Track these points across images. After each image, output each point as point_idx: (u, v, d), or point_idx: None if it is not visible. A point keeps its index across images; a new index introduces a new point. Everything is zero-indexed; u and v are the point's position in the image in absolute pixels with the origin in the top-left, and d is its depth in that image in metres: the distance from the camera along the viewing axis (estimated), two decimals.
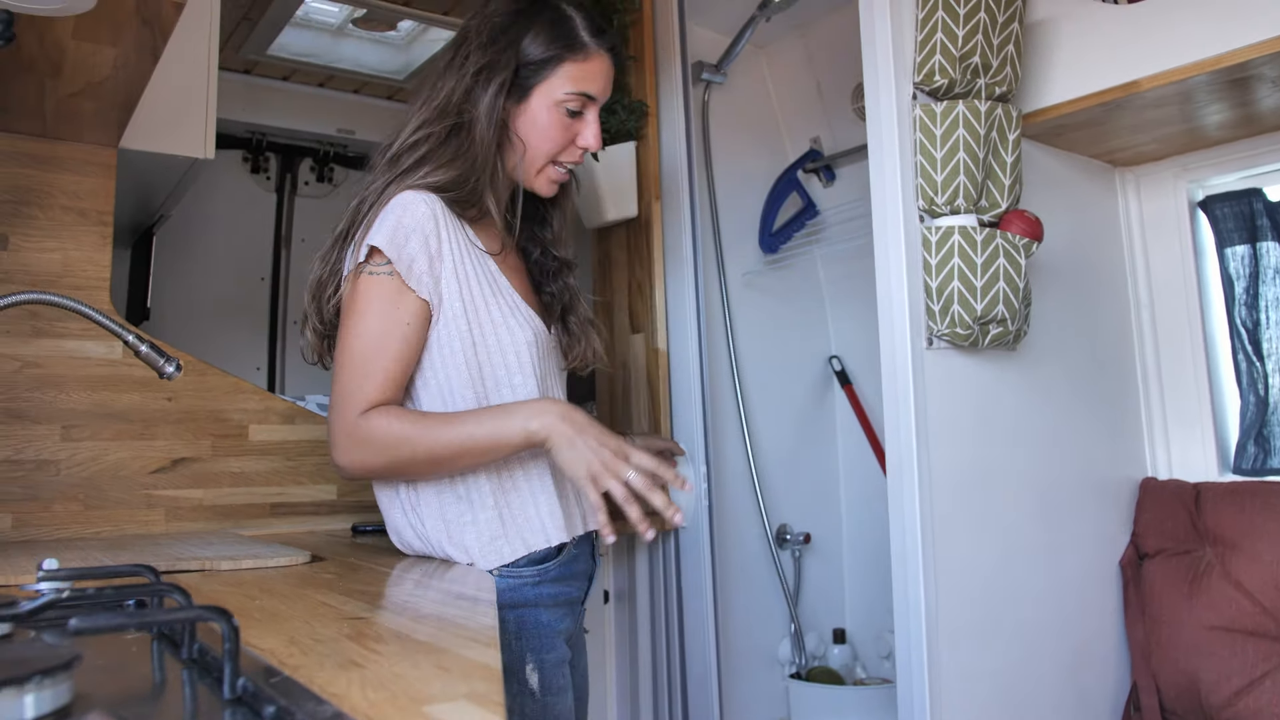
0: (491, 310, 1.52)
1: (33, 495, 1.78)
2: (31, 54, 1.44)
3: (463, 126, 1.55)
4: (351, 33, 3.32)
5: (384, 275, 1.44)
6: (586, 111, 1.62)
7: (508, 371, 1.52)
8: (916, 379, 1.99)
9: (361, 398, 1.41)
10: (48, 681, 0.51)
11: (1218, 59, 1.91)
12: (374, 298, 1.44)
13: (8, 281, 1.81)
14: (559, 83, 1.58)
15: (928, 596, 1.94)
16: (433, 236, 1.46)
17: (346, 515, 2.15)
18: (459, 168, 1.53)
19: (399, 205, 1.46)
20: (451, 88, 1.57)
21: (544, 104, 1.58)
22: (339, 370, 1.45)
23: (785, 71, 3.23)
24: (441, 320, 1.48)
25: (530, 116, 1.59)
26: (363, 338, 1.43)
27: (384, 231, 1.44)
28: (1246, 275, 2.44)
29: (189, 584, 1.16)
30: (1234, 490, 2.30)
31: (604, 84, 1.63)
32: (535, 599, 1.50)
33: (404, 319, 1.45)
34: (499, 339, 1.52)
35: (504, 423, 1.40)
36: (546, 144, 1.60)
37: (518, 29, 1.58)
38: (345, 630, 0.87)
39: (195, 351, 2.07)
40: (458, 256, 1.49)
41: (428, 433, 1.39)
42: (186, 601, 0.75)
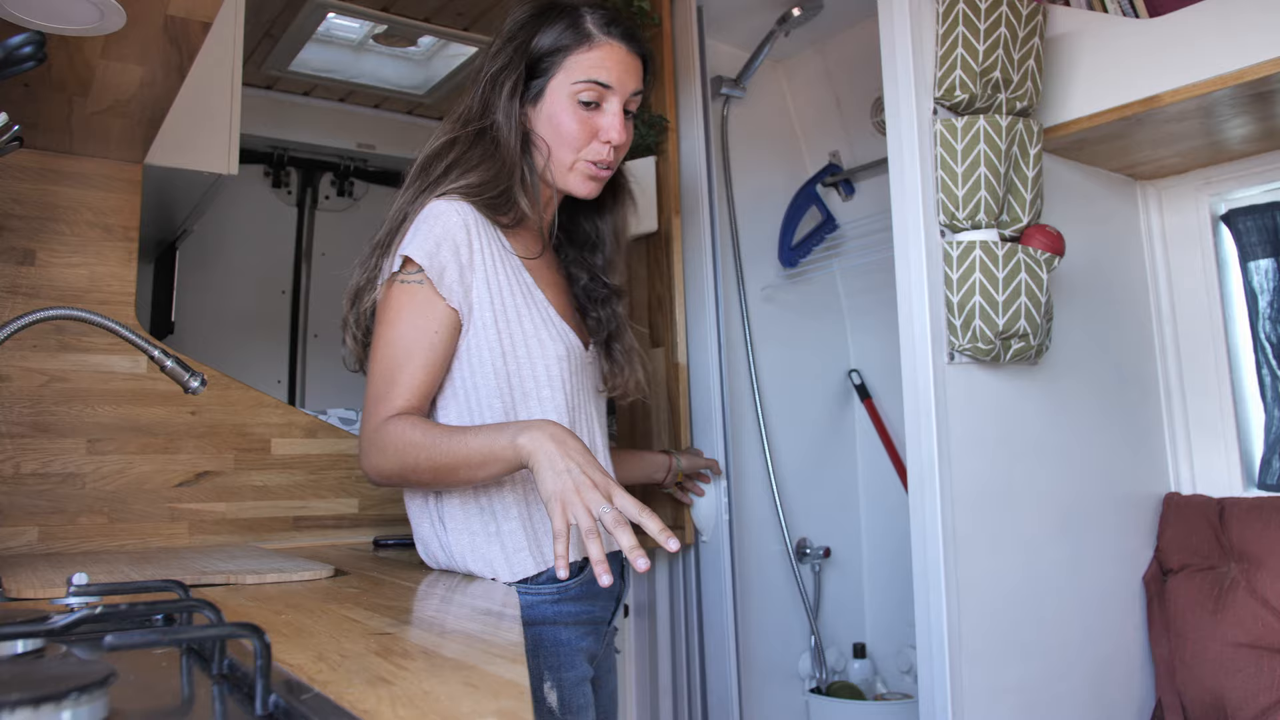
0: (524, 321, 1.52)
1: (59, 508, 1.80)
2: (61, 73, 1.45)
3: (486, 132, 1.57)
4: (372, 48, 3.34)
5: (414, 284, 1.46)
6: (604, 103, 1.59)
7: (536, 384, 1.52)
8: (938, 394, 1.99)
9: (386, 405, 1.43)
10: (84, 698, 0.51)
11: (1239, 73, 1.91)
12: (404, 306, 1.46)
13: (35, 297, 1.83)
14: (568, 74, 1.57)
15: (949, 612, 1.93)
16: (464, 245, 1.47)
17: (369, 529, 2.15)
18: (487, 170, 1.54)
19: (430, 214, 1.48)
20: (472, 97, 1.61)
21: (558, 99, 1.58)
22: (369, 377, 1.48)
23: (804, 86, 3.23)
24: (472, 330, 1.49)
25: (547, 115, 1.59)
26: (392, 345, 1.45)
27: (416, 241, 1.45)
28: (1270, 289, 2.42)
29: (214, 598, 1.16)
30: (1258, 506, 2.28)
31: (619, 73, 1.59)
32: (554, 616, 1.49)
33: (433, 328, 1.46)
34: (529, 350, 1.52)
35: (497, 437, 1.36)
36: (566, 140, 1.59)
37: (528, 31, 1.59)
38: (372, 646, 0.88)
39: (217, 364, 2.08)
40: (490, 265, 1.50)
41: (433, 443, 1.38)
42: (217, 617, 0.76)
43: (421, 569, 1.60)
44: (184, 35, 1.37)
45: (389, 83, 3.52)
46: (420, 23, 3.05)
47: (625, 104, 1.61)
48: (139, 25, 1.30)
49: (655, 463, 2.26)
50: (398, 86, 3.54)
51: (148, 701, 0.67)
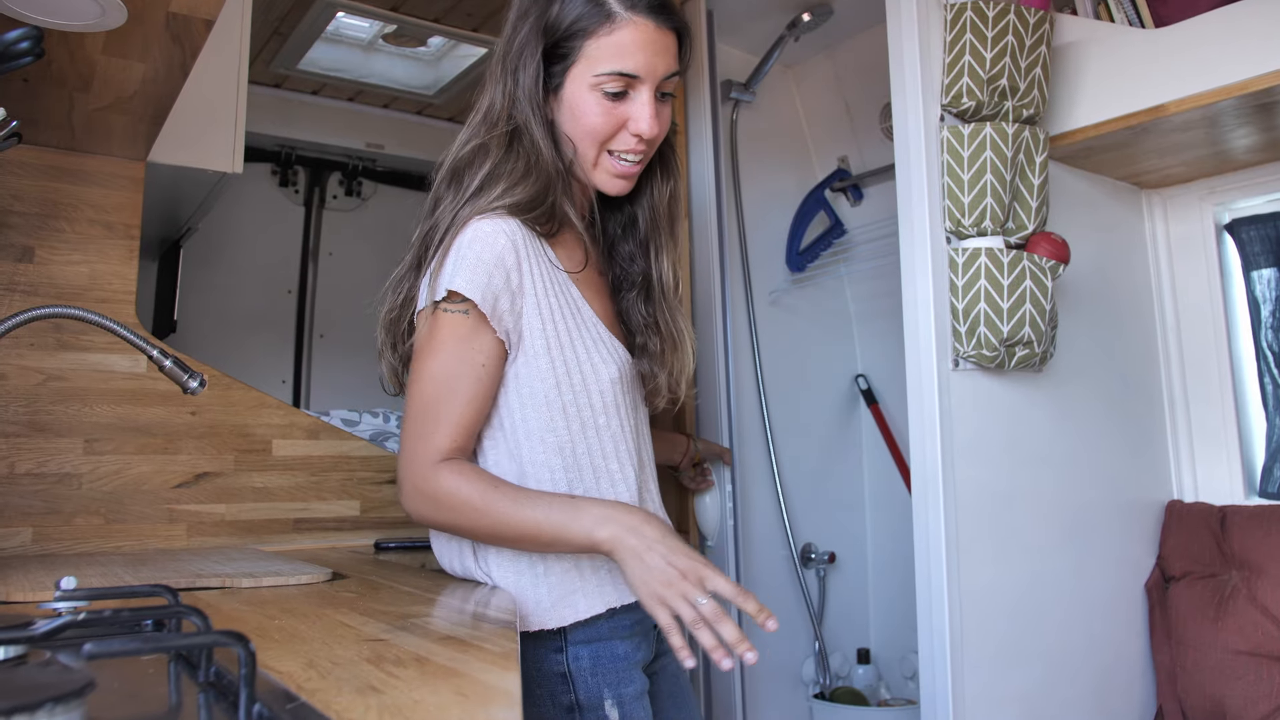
0: (576, 345, 1.42)
1: (54, 509, 1.78)
2: (61, 69, 1.44)
3: (518, 135, 1.43)
4: (382, 48, 3.34)
5: (459, 314, 1.34)
6: (634, 94, 1.42)
7: (594, 413, 1.42)
8: (943, 401, 1.99)
9: (432, 447, 1.33)
10: (59, 709, 0.50)
11: (1244, 84, 1.90)
12: (448, 337, 1.35)
13: (33, 294, 1.82)
14: (589, 63, 1.40)
15: (952, 619, 1.94)
16: (514, 270, 1.36)
17: (370, 531, 2.14)
18: (536, 184, 1.41)
19: (477, 238, 1.35)
20: (493, 93, 1.46)
21: (579, 89, 1.42)
22: (409, 413, 1.37)
23: (814, 90, 3.22)
24: (521, 358, 1.39)
25: (568, 107, 1.43)
26: (435, 380, 1.35)
27: (463, 269, 1.33)
28: (1273, 298, 2.43)
29: (209, 601, 1.15)
30: (1260, 514, 2.29)
31: (647, 57, 1.39)
32: (610, 631, 1.41)
33: (479, 360, 1.35)
34: (584, 377, 1.42)
35: (572, 521, 1.28)
36: (590, 133, 1.43)
37: (540, 5, 1.42)
38: (364, 653, 0.87)
39: (221, 363, 2.07)
40: (541, 289, 1.39)
41: (494, 510, 1.29)
42: (204, 624, 0.74)
43: (421, 572, 1.59)
44: (187, 32, 1.36)
45: (398, 83, 3.51)
46: (430, 23, 3.04)
47: (659, 89, 1.43)
48: (141, 22, 1.29)
49: (675, 443, 2.21)
50: (407, 86, 3.54)
51: (132, 709, 0.66)
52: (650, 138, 1.44)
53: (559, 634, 1.38)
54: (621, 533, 1.26)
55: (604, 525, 1.27)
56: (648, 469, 1.54)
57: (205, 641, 0.65)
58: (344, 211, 3.88)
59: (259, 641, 0.91)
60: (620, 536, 1.26)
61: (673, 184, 1.60)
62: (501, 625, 1.06)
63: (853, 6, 2.79)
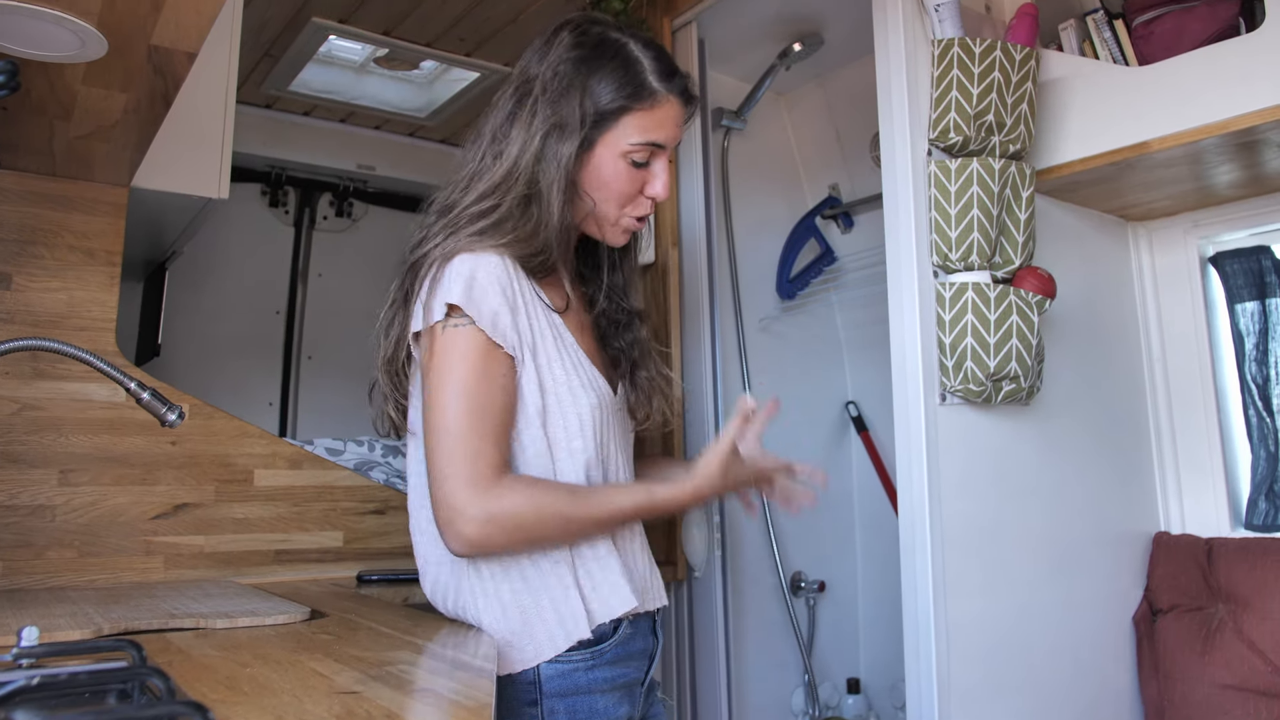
0: (555, 369, 1.43)
1: (25, 541, 1.75)
2: (41, 97, 1.43)
3: (537, 197, 1.44)
4: (374, 70, 3.33)
5: (465, 328, 1.34)
6: (654, 161, 1.50)
7: (567, 435, 1.42)
8: (930, 435, 1.99)
9: (486, 465, 1.30)
10: None
11: (1225, 123, 1.92)
12: (464, 353, 1.34)
13: (10, 323, 1.79)
14: (625, 133, 1.46)
15: (939, 652, 1.93)
16: (509, 289, 1.38)
17: (353, 563, 2.12)
18: (539, 243, 1.44)
19: (471, 260, 1.37)
20: (520, 147, 1.44)
21: (610, 155, 1.47)
22: (441, 437, 1.32)
23: (805, 118, 3.22)
24: (523, 376, 1.40)
25: (595, 169, 1.47)
26: (461, 396, 1.32)
27: (460, 286, 1.34)
28: (1256, 331, 2.45)
29: (181, 647, 1.13)
30: (1246, 546, 2.29)
31: (673, 130, 1.50)
32: (589, 685, 1.38)
33: (500, 370, 1.35)
34: (559, 399, 1.42)
35: (648, 498, 1.44)
36: (614, 198, 1.49)
37: (582, 75, 1.45)
38: (335, 708, 0.85)
39: (206, 387, 2.05)
40: (529, 310, 1.41)
41: (576, 510, 1.36)
42: (166, 687, 0.72)
43: (403, 609, 1.56)
44: (169, 64, 1.34)
45: (390, 105, 3.50)
46: (422, 47, 3.04)
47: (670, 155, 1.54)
48: (121, 54, 1.27)
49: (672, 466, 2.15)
50: (399, 109, 3.53)
51: None
52: (663, 199, 1.54)
53: (534, 685, 1.35)
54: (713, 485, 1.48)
55: (694, 485, 1.46)
56: None
57: (163, 713, 0.62)
58: (334, 233, 3.86)
59: (227, 695, 0.89)
60: (714, 487, 1.48)
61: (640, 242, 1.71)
62: (479, 674, 1.04)
63: (844, 36, 2.79)
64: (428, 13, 2.82)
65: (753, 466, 1.54)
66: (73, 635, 1.15)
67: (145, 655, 0.84)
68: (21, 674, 0.71)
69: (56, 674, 0.71)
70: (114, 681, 0.74)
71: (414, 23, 2.88)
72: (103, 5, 1.13)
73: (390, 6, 2.78)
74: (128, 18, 1.17)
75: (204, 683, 0.93)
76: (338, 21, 2.85)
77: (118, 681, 0.74)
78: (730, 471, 1.48)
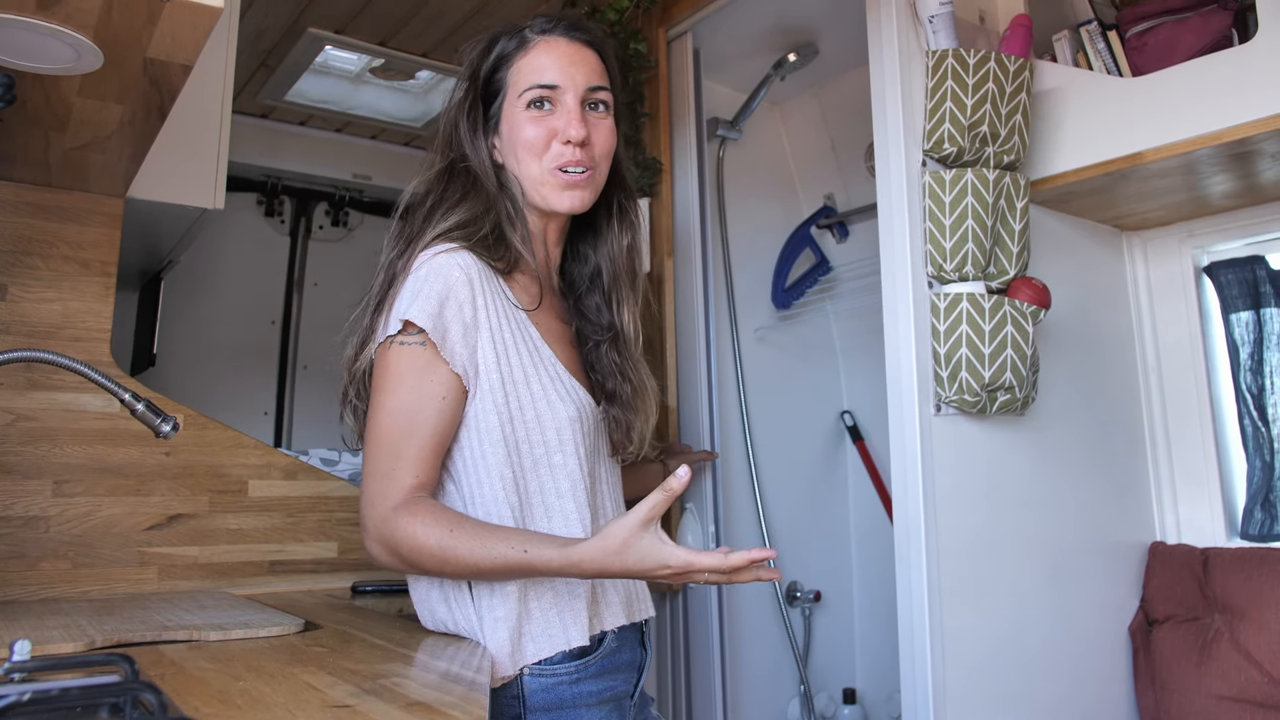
0: (531, 382, 1.40)
1: (19, 553, 1.74)
2: (37, 109, 1.43)
3: (457, 168, 1.50)
4: (369, 80, 3.33)
5: (415, 346, 1.33)
6: (558, 104, 1.48)
7: (546, 450, 1.40)
8: (925, 445, 1.99)
9: (393, 486, 1.31)
10: None
11: (1218, 134, 1.93)
12: (405, 371, 1.33)
13: (5, 333, 1.78)
14: (514, 88, 1.49)
15: (934, 663, 1.93)
16: (467, 303, 1.35)
17: (348, 573, 2.11)
18: (472, 207, 1.45)
19: (430, 270, 1.36)
20: (439, 133, 1.55)
21: (512, 115, 1.49)
22: (369, 449, 1.34)
23: (800, 128, 3.23)
24: (478, 394, 1.36)
25: (506, 137, 1.50)
26: (393, 415, 1.33)
27: (417, 301, 1.33)
28: (1251, 341, 2.45)
29: (174, 659, 1.13)
30: (1242, 557, 2.29)
31: (564, 67, 1.48)
32: (574, 699, 1.36)
33: (438, 393, 1.34)
34: (538, 413, 1.39)
35: (539, 557, 1.24)
36: (527, 149, 1.48)
37: (478, 59, 1.53)
38: None
39: (202, 396, 2.04)
40: (496, 322, 1.38)
41: (453, 554, 1.26)
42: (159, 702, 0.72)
43: (397, 620, 1.56)
44: (164, 76, 1.34)
45: (386, 114, 3.51)
46: (418, 58, 3.04)
47: (585, 99, 1.49)
48: (117, 66, 1.27)
49: (651, 474, 2.10)
50: (395, 118, 3.53)
51: None
52: (578, 139, 1.46)
53: (518, 700, 1.33)
54: (600, 560, 1.23)
55: (575, 553, 1.23)
56: (607, 515, 1.49)
57: None
58: (330, 242, 3.87)
59: (220, 710, 0.89)
60: (600, 562, 1.23)
61: (631, 236, 1.65)
62: (473, 687, 1.04)
63: (838, 47, 2.80)
64: (423, 23, 2.82)
65: (679, 558, 1.22)
66: (65, 648, 1.15)
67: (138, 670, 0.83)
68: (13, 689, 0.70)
69: (48, 689, 0.71)
70: (106, 697, 0.74)
71: (409, 33, 2.89)
72: (98, 18, 1.13)
73: (386, 17, 2.79)
74: (123, 31, 1.17)
75: (196, 696, 0.93)
76: (333, 32, 2.86)
77: (110, 697, 0.73)
78: (634, 553, 1.21)
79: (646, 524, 1.21)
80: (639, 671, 1.51)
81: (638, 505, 1.22)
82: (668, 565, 1.22)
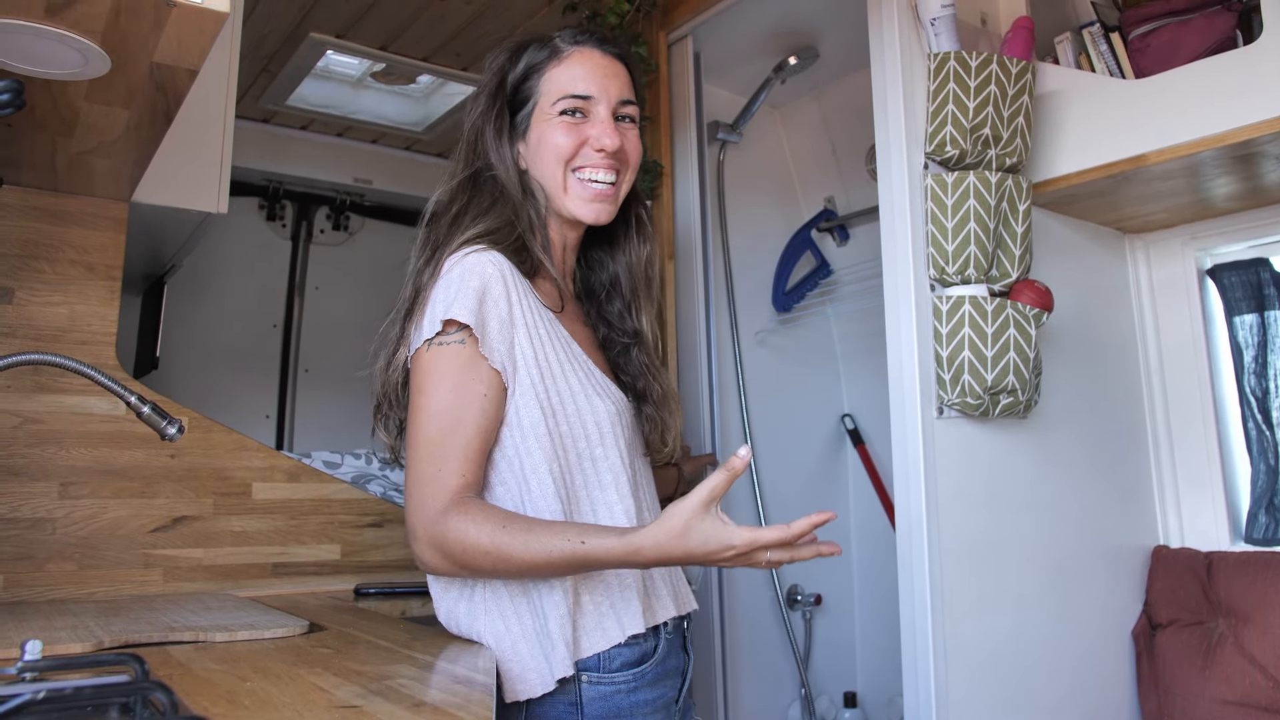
0: (569, 377, 1.40)
1: (26, 554, 1.75)
2: (44, 114, 1.43)
3: (483, 176, 1.50)
4: (370, 85, 3.34)
5: (455, 345, 1.32)
6: (590, 114, 1.49)
7: (589, 444, 1.39)
8: (927, 448, 1.99)
9: (440, 488, 1.28)
10: None
11: (1222, 136, 1.92)
12: (446, 371, 1.32)
13: (11, 336, 1.79)
14: (546, 96, 1.49)
15: (937, 666, 1.93)
16: (502, 299, 1.35)
17: (350, 575, 2.12)
18: (500, 215, 1.45)
19: (463, 269, 1.35)
20: (463, 140, 1.54)
21: (542, 122, 1.49)
22: (412, 455, 1.32)
23: (800, 131, 3.24)
24: (518, 390, 1.36)
25: (535, 143, 1.50)
26: (436, 415, 1.31)
27: (456, 299, 1.32)
28: (1255, 344, 2.45)
29: (181, 660, 1.13)
30: (1246, 561, 2.28)
31: (598, 79, 1.49)
32: (631, 709, 1.34)
33: (480, 390, 1.32)
34: (578, 408, 1.39)
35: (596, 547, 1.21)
36: (555, 154, 1.48)
37: (504, 68, 1.53)
38: None
39: (204, 399, 2.05)
40: (531, 319, 1.38)
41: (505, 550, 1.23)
42: (169, 700, 0.73)
43: (400, 623, 1.56)
44: (170, 81, 1.34)
45: (387, 119, 3.52)
46: (419, 62, 3.05)
47: (616, 111, 1.51)
48: (123, 71, 1.28)
49: (666, 479, 2.09)
50: (396, 123, 3.54)
51: None
52: (612, 149, 1.47)
53: (575, 707, 1.32)
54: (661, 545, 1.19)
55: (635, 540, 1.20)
56: (647, 509, 1.49)
57: None
58: (331, 246, 3.88)
59: (228, 710, 0.89)
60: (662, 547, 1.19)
61: (649, 248, 1.65)
62: (478, 688, 1.04)
63: (839, 50, 2.81)
64: (424, 28, 2.83)
65: (743, 537, 1.17)
66: (74, 648, 1.16)
67: (148, 669, 0.84)
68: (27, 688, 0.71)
69: (61, 688, 0.72)
70: (118, 696, 0.75)
71: (410, 38, 2.90)
72: (106, 23, 1.14)
73: (387, 22, 2.80)
74: (130, 36, 1.18)
75: (205, 696, 0.93)
76: (335, 37, 2.87)
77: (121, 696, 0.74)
78: (697, 535, 1.18)
79: (707, 505, 1.18)
80: (684, 677, 1.50)
81: (698, 487, 1.18)
82: (731, 545, 1.17)
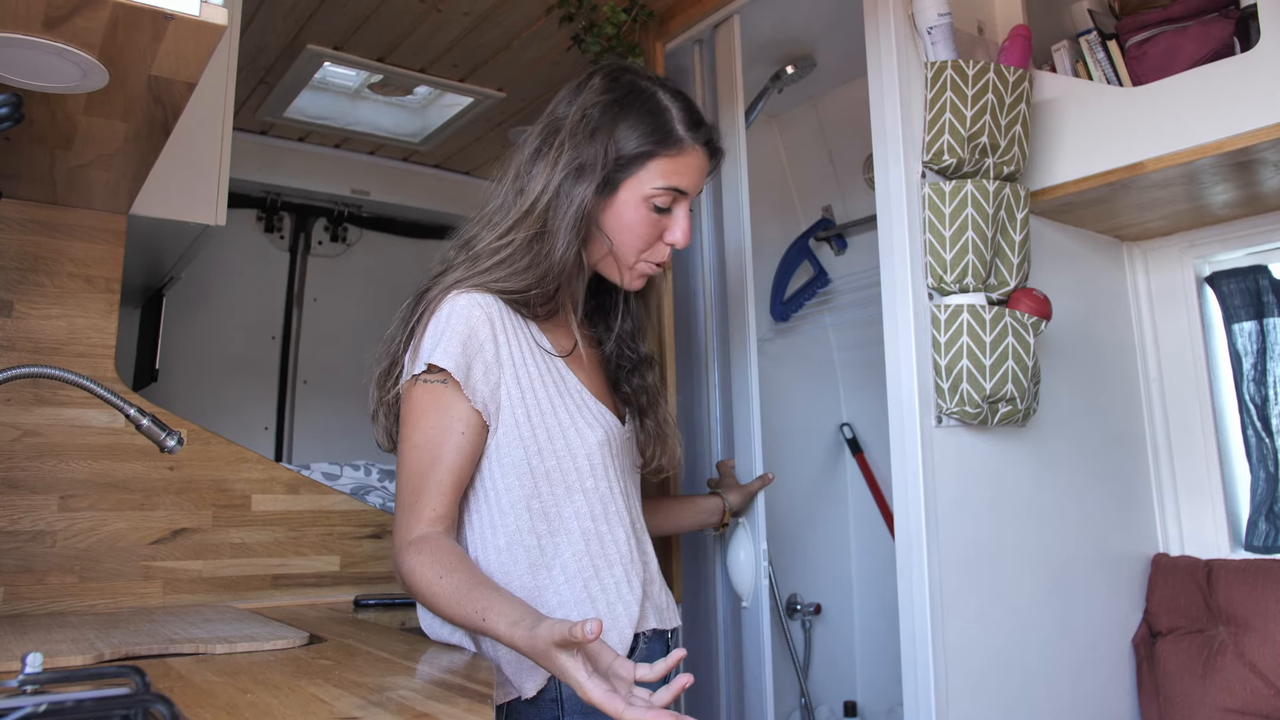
0: (559, 414, 1.46)
1: (26, 567, 1.75)
2: (43, 128, 1.43)
3: (544, 236, 1.47)
4: (368, 96, 3.35)
5: (437, 384, 1.40)
6: (676, 208, 1.52)
7: (579, 475, 1.46)
8: (926, 457, 1.98)
9: (414, 519, 1.38)
10: None
11: (1219, 144, 1.93)
12: (428, 408, 1.40)
13: (10, 349, 1.79)
14: (649, 177, 1.49)
15: (937, 676, 1.92)
16: (488, 342, 1.41)
17: (350, 587, 2.11)
18: (531, 277, 1.47)
19: (451, 310, 1.41)
20: (542, 186, 1.48)
21: (632, 199, 1.50)
22: (398, 483, 1.43)
23: (798, 140, 3.24)
24: (500, 429, 1.43)
25: (617, 212, 1.51)
26: (418, 449, 1.40)
27: (440, 343, 1.39)
28: (1254, 351, 2.45)
29: (181, 672, 1.13)
30: (1246, 568, 2.28)
31: (696, 179, 1.53)
32: None
33: (458, 428, 1.40)
34: (567, 442, 1.45)
35: (500, 629, 1.21)
36: (634, 241, 1.52)
37: (612, 121, 1.49)
38: None
39: (203, 411, 2.04)
40: (519, 359, 1.44)
41: (437, 599, 1.29)
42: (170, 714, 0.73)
43: (400, 633, 1.57)
44: (168, 94, 1.35)
45: (385, 130, 3.52)
46: (416, 73, 3.06)
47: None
48: (122, 84, 1.28)
49: (709, 508, 2.11)
50: (393, 134, 3.55)
51: None
52: (683, 246, 1.54)
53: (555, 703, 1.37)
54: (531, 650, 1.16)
55: (517, 635, 1.18)
56: (639, 529, 1.56)
57: None
58: (329, 257, 3.88)
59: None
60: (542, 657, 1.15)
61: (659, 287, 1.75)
62: (478, 699, 1.04)
63: (836, 59, 2.81)
64: (421, 39, 2.83)
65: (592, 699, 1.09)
66: (75, 661, 1.16)
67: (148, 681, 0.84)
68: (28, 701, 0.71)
69: (62, 701, 0.72)
70: (119, 708, 0.74)
71: (408, 49, 2.90)
72: (104, 37, 1.14)
73: (384, 33, 2.80)
74: (128, 48, 1.18)
75: (206, 709, 0.93)
76: (332, 48, 2.87)
77: (123, 708, 0.74)
78: (555, 665, 1.12)
79: (570, 653, 1.11)
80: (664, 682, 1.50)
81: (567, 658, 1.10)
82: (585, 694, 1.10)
